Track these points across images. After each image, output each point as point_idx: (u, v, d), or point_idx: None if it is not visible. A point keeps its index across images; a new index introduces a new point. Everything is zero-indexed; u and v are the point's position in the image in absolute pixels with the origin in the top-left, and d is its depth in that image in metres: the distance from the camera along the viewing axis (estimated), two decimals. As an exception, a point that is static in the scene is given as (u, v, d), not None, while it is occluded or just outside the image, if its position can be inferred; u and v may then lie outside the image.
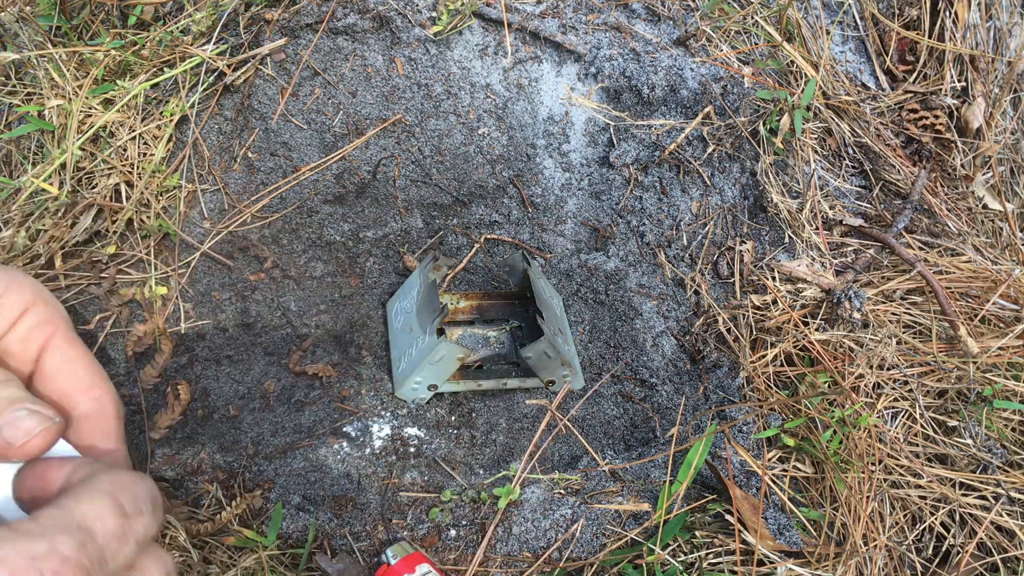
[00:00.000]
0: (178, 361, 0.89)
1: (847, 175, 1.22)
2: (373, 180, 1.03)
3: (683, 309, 1.07)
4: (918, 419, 0.97)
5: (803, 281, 1.06)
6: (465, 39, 1.05)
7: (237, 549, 0.78)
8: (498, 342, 1.00)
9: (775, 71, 1.18)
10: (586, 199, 1.10)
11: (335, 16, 1.00)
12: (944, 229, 1.21)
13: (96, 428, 0.53)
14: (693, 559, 0.82)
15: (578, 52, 1.08)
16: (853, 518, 0.86)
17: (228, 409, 0.88)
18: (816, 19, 1.24)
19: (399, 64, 1.03)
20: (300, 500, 0.82)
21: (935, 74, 1.31)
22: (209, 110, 0.99)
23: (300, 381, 0.91)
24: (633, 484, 0.88)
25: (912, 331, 1.05)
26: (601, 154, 1.10)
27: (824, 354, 0.97)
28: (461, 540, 0.82)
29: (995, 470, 0.94)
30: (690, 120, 1.08)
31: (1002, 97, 1.30)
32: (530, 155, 1.08)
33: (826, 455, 0.90)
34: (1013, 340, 1.01)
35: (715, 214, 1.10)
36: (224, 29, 0.99)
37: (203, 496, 0.81)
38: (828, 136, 1.21)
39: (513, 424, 0.95)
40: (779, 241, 1.12)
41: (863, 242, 1.15)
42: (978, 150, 1.29)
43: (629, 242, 1.08)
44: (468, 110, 1.05)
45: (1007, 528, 0.91)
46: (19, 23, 0.98)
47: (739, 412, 0.95)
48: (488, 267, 1.07)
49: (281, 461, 0.85)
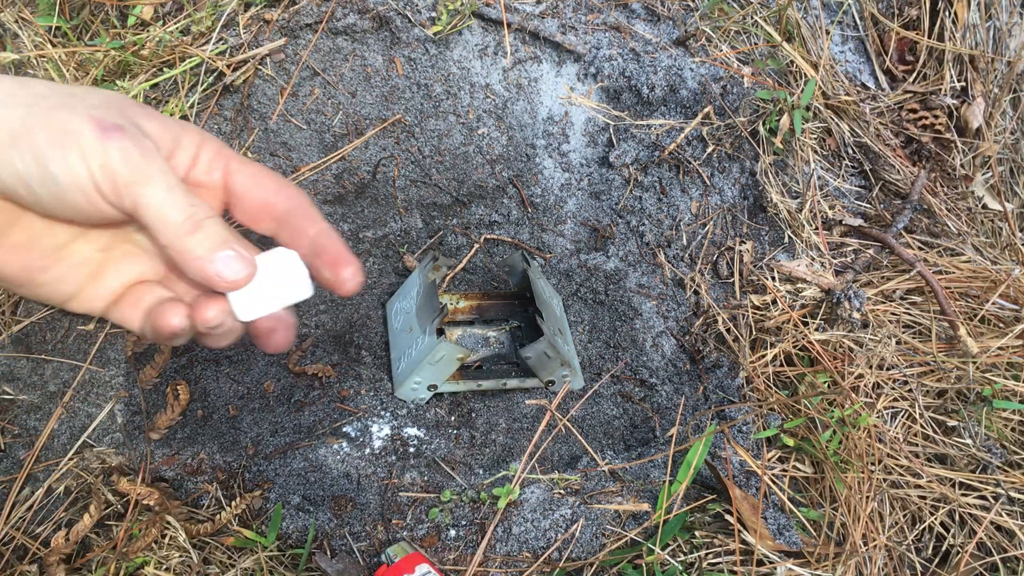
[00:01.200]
0: (178, 361, 0.89)
1: (847, 175, 1.22)
2: (373, 180, 1.03)
3: (683, 309, 1.07)
4: (918, 419, 0.97)
5: (803, 281, 1.06)
6: (465, 39, 1.05)
7: (237, 549, 0.78)
8: (498, 342, 1.00)
9: (775, 71, 1.18)
10: (586, 199, 1.10)
11: (335, 16, 1.00)
12: (944, 229, 1.21)
13: (301, 217, 0.60)
14: (693, 559, 0.82)
15: (578, 52, 1.08)
16: (853, 518, 0.86)
17: (228, 409, 0.88)
18: (816, 19, 1.24)
19: (399, 64, 1.03)
20: (300, 500, 0.82)
21: (935, 74, 1.31)
22: (209, 110, 0.99)
23: (300, 381, 0.91)
24: (633, 484, 0.88)
25: (912, 331, 1.05)
26: (601, 154, 1.10)
27: (824, 354, 0.97)
28: (461, 540, 0.82)
29: (995, 470, 0.94)
30: (690, 120, 1.08)
31: (1002, 97, 1.30)
32: (530, 155, 1.08)
33: (826, 455, 0.90)
34: (1013, 340, 1.01)
35: (715, 214, 1.10)
36: (224, 29, 0.99)
37: (203, 496, 0.81)
38: (828, 136, 1.21)
39: (513, 424, 0.95)
40: (779, 241, 1.12)
41: (863, 242, 1.15)
42: (978, 150, 1.29)
43: (629, 242, 1.08)
44: (468, 110, 1.05)
45: (1007, 528, 0.92)
46: (19, 23, 0.98)
47: (739, 412, 0.95)
48: (488, 267, 1.07)
49: (281, 461, 0.85)
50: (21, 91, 0.52)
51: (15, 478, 0.79)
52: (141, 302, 0.60)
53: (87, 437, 0.82)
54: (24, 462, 0.80)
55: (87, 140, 0.50)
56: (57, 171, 0.51)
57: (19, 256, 0.56)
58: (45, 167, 0.51)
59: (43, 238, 0.57)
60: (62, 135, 0.51)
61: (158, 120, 0.57)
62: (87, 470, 0.79)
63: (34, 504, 0.77)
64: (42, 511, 0.78)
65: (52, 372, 0.85)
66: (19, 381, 0.84)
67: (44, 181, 0.51)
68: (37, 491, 0.78)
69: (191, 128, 0.59)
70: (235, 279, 0.54)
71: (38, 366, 0.85)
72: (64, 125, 0.51)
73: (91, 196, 0.52)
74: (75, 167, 0.51)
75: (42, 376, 0.85)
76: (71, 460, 0.80)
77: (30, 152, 0.50)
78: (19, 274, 0.57)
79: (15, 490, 0.78)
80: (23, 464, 0.80)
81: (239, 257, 0.53)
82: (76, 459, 0.80)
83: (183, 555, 0.74)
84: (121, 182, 0.51)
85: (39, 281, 0.58)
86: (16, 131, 0.50)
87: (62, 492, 0.78)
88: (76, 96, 0.53)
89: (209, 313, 0.55)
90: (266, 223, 0.63)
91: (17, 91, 0.52)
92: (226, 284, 0.54)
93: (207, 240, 0.53)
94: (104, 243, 0.61)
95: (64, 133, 0.51)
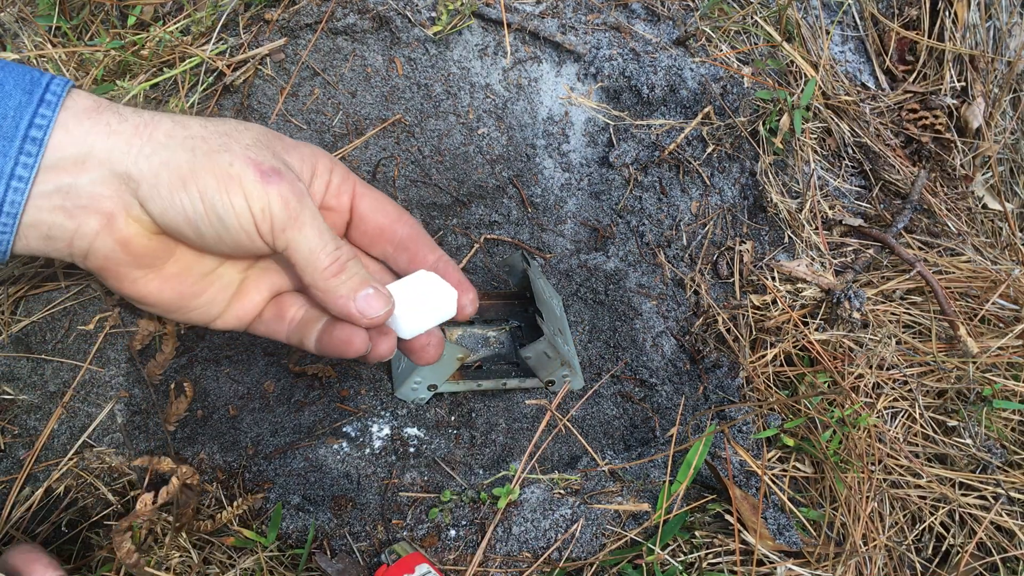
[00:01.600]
0: (178, 361, 0.89)
1: (847, 175, 1.22)
2: (373, 180, 1.03)
3: (683, 309, 1.07)
4: (918, 419, 0.97)
5: (803, 281, 1.06)
6: (465, 39, 1.05)
7: (237, 549, 0.78)
8: (498, 342, 1.00)
9: (775, 71, 1.18)
10: (586, 199, 1.10)
11: (334, 16, 1.00)
12: (944, 229, 1.21)
13: (422, 244, 0.66)
14: (693, 559, 0.82)
15: (578, 52, 1.08)
16: (853, 518, 0.86)
17: (228, 409, 0.88)
18: (816, 19, 1.24)
19: (399, 64, 1.03)
20: (300, 500, 0.82)
21: (935, 74, 1.31)
22: (209, 110, 0.99)
23: (300, 381, 0.91)
24: (633, 484, 0.88)
25: (912, 331, 1.05)
26: (601, 154, 1.10)
27: (824, 354, 0.97)
28: (461, 540, 0.82)
29: (995, 470, 0.94)
30: (690, 120, 1.08)
31: (1002, 97, 1.30)
32: (530, 155, 1.08)
33: (826, 455, 0.90)
34: (1013, 340, 1.01)
35: (715, 214, 1.10)
36: (224, 29, 0.99)
37: (202, 496, 0.81)
38: (828, 136, 1.21)
39: (513, 424, 0.95)
40: (779, 241, 1.12)
41: (863, 242, 1.15)
42: (978, 150, 1.29)
43: (629, 242, 1.08)
44: (468, 110, 1.05)
45: (1007, 528, 0.92)
46: (19, 23, 0.98)
47: (739, 412, 0.95)
48: (488, 267, 1.07)
49: (281, 461, 0.85)
50: (180, 132, 0.56)
51: (15, 478, 0.79)
52: (286, 315, 0.66)
53: (88, 437, 0.82)
54: (24, 462, 0.80)
55: (250, 185, 0.54)
56: (224, 213, 0.54)
57: (174, 285, 0.61)
58: (213, 209, 0.54)
59: (194, 267, 0.62)
60: (226, 179, 0.54)
61: (297, 152, 0.62)
62: (87, 470, 0.79)
63: (33, 504, 0.77)
64: (42, 511, 0.78)
65: (52, 372, 0.85)
66: (19, 381, 0.84)
67: (212, 222, 0.55)
68: (37, 491, 0.78)
69: (323, 155, 0.64)
70: (375, 317, 0.58)
71: (38, 366, 0.85)
72: (227, 169, 0.54)
73: (252, 235, 0.56)
74: (240, 210, 0.55)
75: (42, 376, 0.85)
76: (71, 460, 0.80)
77: (199, 195, 0.54)
78: (174, 301, 0.62)
79: (15, 490, 0.78)
80: (23, 464, 0.80)
81: (378, 295, 0.58)
82: (76, 459, 0.80)
83: (183, 555, 0.74)
84: (278, 226, 0.55)
85: (191, 306, 0.63)
86: (184, 174, 0.54)
87: (62, 492, 0.78)
88: (231, 136, 0.57)
89: (383, 348, 0.61)
90: (381, 247, 0.68)
91: (176, 132, 0.56)
92: (367, 321, 0.58)
93: (350, 281, 0.58)
94: (244, 265, 0.66)
95: (228, 177, 0.54)
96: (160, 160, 0.53)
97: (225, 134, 0.57)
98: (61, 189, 0.52)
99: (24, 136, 0.51)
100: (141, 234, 0.56)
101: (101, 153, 0.53)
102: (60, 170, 0.52)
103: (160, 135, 0.54)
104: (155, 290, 0.59)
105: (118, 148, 0.53)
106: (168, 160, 0.54)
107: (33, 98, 0.51)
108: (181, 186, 0.54)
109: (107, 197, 0.53)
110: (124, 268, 0.57)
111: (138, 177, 0.53)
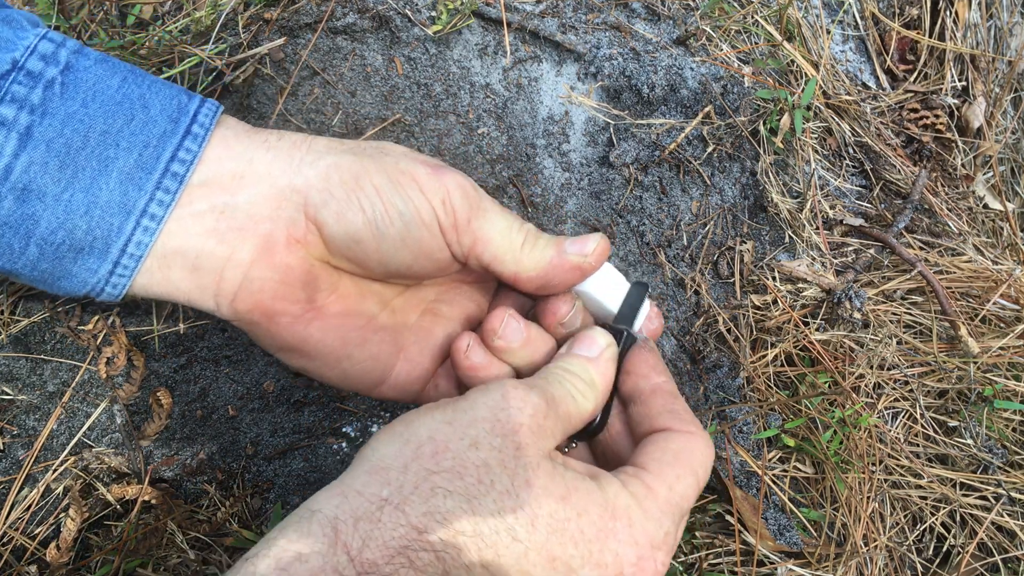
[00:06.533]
0: (177, 361, 0.89)
1: (847, 175, 1.22)
2: (372, 180, 1.03)
3: (683, 309, 1.06)
4: (918, 419, 0.97)
5: (803, 281, 1.06)
6: (465, 39, 1.05)
7: (236, 550, 0.78)
8: (498, 342, 1.00)
9: (775, 71, 1.18)
10: (586, 199, 1.10)
11: (334, 16, 1.00)
12: (944, 229, 1.20)
13: None
14: (693, 559, 0.82)
15: (578, 51, 1.08)
16: (853, 518, 0.86)
17: (227, 409, 0.88)
18: (816, 18, 1.24)
19: (398, 64, 1.03)
20: (300, 500, 0.82)
21: (935, 73, 1.31)
22: (208, 110, 0.99)
23: (299, 381, 0.91)
24: (633, 484, 0.88)
25: (912, 331, 1.05)
26: (601, 154, 1.10)
27: (824, 354, 0.96)
28: (460, 541, 0.82)
29: (996, 470, 0.94)
30: (690, 120, 1.07)
31: (1003, 96, 1.30)
32: (530, 155, 1.08)
33: (826, 455, 0.90)
34: (1014, 340, 1.01)
35: (715, 214, 1.10)
36: (223, 29, 0.99)
37: (202, 496, 0.81)
38: (828, 136, 1.21)
39: (513, 424, 0.95)
40: (779, 241, 1.12)
41: (863, 242, 1.15)
42: (979, 150, 1.29)
43: (629, 242, 1.08)
44: (468, 110, 1.05)
45: (1008, 528, 0.91)
46: (18, 23, 0.98)
47: (739, 412, 0.95)
48: (488, 267, 1.07)
49: (280, 461, 0.85)
50: (338, 144, 0.54)
51: (14, 478, 0.79)
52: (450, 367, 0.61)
53: (87, 437, 0.82)
54: (23, 462, 0.80)
55: (424, 179, 0.52)
56: (403, 207, 0.52)
57: (337, 328, 0.56)
58: (392, 204, 0.52)
59: (358, 307, 0.58)
60: (397, 175, 0.52)
61: None
62: (86, 470, 0.79)
63: (32, 504, 0.77)
64: (41, 511, 0.78)
65: (51, 372, 0.85)
66: (18, 381, 0.84)
67: (391, 219, 0.52)
68: (35, 491, 0.78)
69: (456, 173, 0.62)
70: (592, 249, 0.56)
71: (37, 366, 0.85)
72: (396, 166, 0.52)
73: (434, 232, 0.53)
74: (420, 204, 0.52)
75: (41, 376, 0.85)
76: (70, 460, 0.80)
77: (375, 192, 0.51)
78: (337, 348, 0.57)
79: (14, 490, 0.78)
80: (22, 464, 0.80)
81: (582, 236, 0.56)
82: (75, 459, 0.80)
83: (181, 555, 0.74)
84: (462, 217, 0.53)
85: (356, 357, 0.58)
86: (357, 172, 0.51)
87: (60, 492, 0.78)
88: (384, 146, 0.55)
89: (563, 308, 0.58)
90: None
91: (334, 143, 0.54)
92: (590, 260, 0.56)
93: (549, 243, 0.56)
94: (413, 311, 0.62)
95: (399, 173, 0.52)
96: (326, 164, 0.50)
97: (379, 145, 0.55)
98: (215, 208, 0.48)
99: (164, 170, 0.47)
100: (304, 259, 0.52)
101: (261, 167, 0.49)
102: (216, 187, 0.48)
103: (319, 146, 0.52)
104: (316, 333, 0.55)
105: (279, 161, 0.50)
106: (337, 162, 0.51)
107: (179, 127, 0.47)
108: (355, 184, 0.51)
109: (266, 218, 0.50)
110: (281, 304, 0.52)
111: (304, 188, 0.50)
